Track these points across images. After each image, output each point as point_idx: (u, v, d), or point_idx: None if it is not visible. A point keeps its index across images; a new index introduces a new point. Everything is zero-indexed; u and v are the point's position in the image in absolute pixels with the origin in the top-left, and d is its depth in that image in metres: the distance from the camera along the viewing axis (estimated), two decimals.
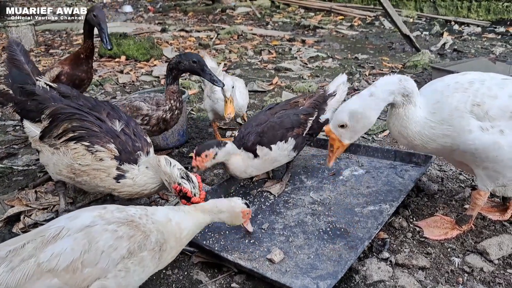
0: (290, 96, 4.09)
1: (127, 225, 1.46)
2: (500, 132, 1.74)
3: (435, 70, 4.39)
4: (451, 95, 1.79)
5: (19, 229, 2.26)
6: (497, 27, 7.62)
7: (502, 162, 1.77)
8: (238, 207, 1.82)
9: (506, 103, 1.74)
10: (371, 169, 2.59)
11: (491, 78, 1.84)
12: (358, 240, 1.92)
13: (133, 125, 2.18)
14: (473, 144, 1.77)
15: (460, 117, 1.76)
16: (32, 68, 2.36)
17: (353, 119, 1.85)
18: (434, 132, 1.83)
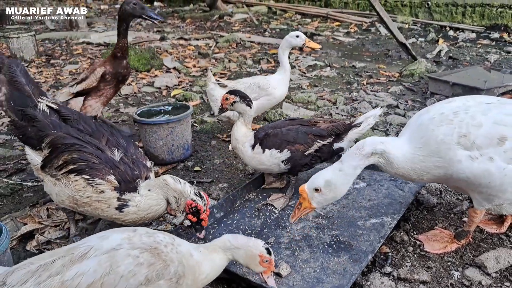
0: (290, 107, 4.18)
1: (150, 252, 1.53)
2: (489, 159, 1.81)
3: (431, 80, 4.50)
4: (436, 128, 1.88)
5: (33, 246, 2.34)
6: (491, 33, 7.74)
7: (495, 187, 1.85)
8: (257, 248, 1.67)
9: (491, 130, 1.81)
10: (372, 182, 2.68)
11: (477, 104, 1.91)
12: (361, 253, 2.01)
13: (132, 151, 2.20)
14: (464, 173, 1.85)
15: (447, 149, 1.85)
16: (33, 89, 2.33)
17: (327, 187, 1.97)
18: (425, 164, 1.92)
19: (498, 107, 1.88)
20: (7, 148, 3.66)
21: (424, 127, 1.93)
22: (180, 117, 3.15)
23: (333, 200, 2.04)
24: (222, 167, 3.19)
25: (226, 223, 2.44)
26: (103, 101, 3.35)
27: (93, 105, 3.30)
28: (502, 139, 1.80)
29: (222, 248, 1.69)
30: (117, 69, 3.31)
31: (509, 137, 1.80)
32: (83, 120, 2.25)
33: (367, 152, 1.95)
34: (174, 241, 1.64)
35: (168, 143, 3.17)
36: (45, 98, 2.30)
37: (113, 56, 3.32)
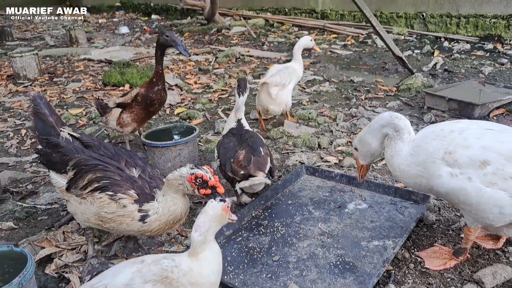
0: (293, 125, 4.30)
1: (162, 283, 1.64)
2: (468, 179, 1.96)
3: (428, 95, 4.65)
4: (430, 141, 2.07)
5: (52, 270, 2.44)
6: (485, 44, 7.92)
7: (472, 206, 1.99)
8: (218, 208, 1.76)
9: (477, 153, 1.95)
10: (374, 204, 2.80)
11: (477, 128, 2.05)
12: (366, 275, 2.13)
13: (149, 170, 2.37)
14: (443, 188, 2.02)
15: (432, 162, 2.02)
16: (56, 119, 2.52)
17: (359, 144, 2.33)
18: (410, 170, 2.11)
19: (494, 134, 2.01)
20: (18, 170, 3.77)
21: (423, 138, 2.13)
22: (187, 140, 3.27)
23: (369, 154, 2.33)
24: (228, 186, 3.29)
25: (236, 241, 2.56)
26: (134, 118, 3.69)
27: (124, 119, 3.69)
28: (484, 163, 1.93)
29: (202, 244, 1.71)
30: (148, 93, 3.62)
31: (492, 163, 1.93)
32: (103, 146, 2.43)
33: (399, 125, 2.15)
34: (175, 262, 1.72)
35: (176, 164, 3.28)
36: (67, 128, 2.49)
37: (150, 80, 3.66)
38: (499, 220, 2.00)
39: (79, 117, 5.06)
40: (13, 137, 4.54)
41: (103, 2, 18.96)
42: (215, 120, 4.73)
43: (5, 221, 2.98)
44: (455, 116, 4.34)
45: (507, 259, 2.33)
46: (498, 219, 1.99)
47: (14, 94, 6.16)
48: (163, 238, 2.70)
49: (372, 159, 2.39)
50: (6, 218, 3.02)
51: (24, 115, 5.22)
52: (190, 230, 2.72)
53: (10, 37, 11.44)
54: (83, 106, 5.48)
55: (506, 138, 1.98)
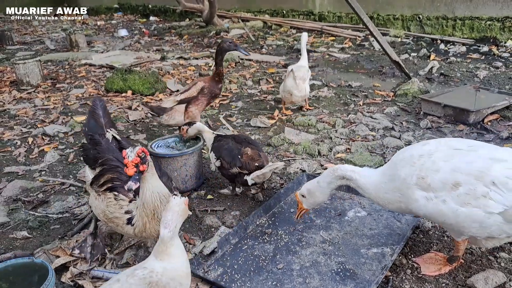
0: (293, 132, 4.43)
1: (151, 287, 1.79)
2: (443, 201, 2.07)
3: (424, 101, 4.78)
4: (401, 168, 2.19)
5: (68, 278, 2.57)
6: (480, 46, 8.06)
7: (452, 225, 2.12)
8: (182, 203, 1.91)
9: (447, 176, 2.05)
10: (372, 211, 2.94)
11: (445, 149, 2.15)
12: (365, 282, 2.27)
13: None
14: (421, 211, 2.15)
15: (407, 188, 2.14)
16: (106, 121, 2.82)
17: (308, 194, 2.58)
18: (389, 196, 2.25)
19: (462, 155, 2.10)
20: (28, 179, 3.89)
21: (394, 165, 2.26)
22: (193, 150, 3.40)
23: (315, 204, 2.62)
24: (233, 195, 3.43)
25: (242, 249, 2.68)
26: (200, 109, 4.21)
27: (193, 111, 4.17)
28: (456, 185, 2.03)
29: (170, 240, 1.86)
30: (212, 87, 4.22)
31: (463, 184, 2.02)
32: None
33: (338, 175, 2.43)
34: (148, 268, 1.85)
35: (182, 173, 3.41)
36: (113, 130, 2.76)
37: (212, 78, 4.25)
38: (483, 233, 2.12)
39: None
40: (21, 145, 4.65)
41: (101, 4, 19.03)
42: (217, 127, 4.85)
43: (19, 230, 3.10)
44: (451, 122, 4.48)
45: (499, 264, 2.47)
46: (481, 232, 2.11)
47: (19, 101, 6.26)
48: None
49: (315, 207, 2.72)
50: (20, 228, 3.14)
51: (30, 122, 5.33)
52: (197, 238, 2.88)
53: (11, 41, 11.53)
54: (87, 113, 5.59)
55: (473, 158, 2.06)
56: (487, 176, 2.00)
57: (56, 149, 4.52)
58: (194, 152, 3.42)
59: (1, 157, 4.37)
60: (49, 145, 4.63)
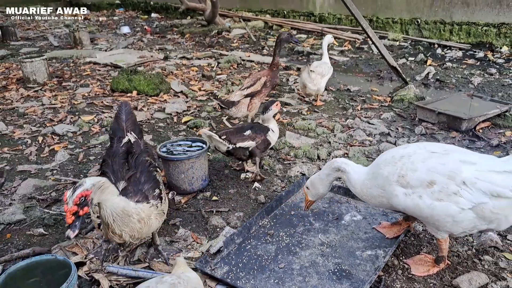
0: (294, 136, 4.64)
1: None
2: (419, 197, 2.35)
3: (419, 108, 4.98)
4: (384, 167, 2.47)
5: (84, 272, 2.77)
6: (476, 51, 8.26)
7: (428, 218, 2.39)
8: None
9: (423, 175, 2.34)
10: (368, 215, 3.15)
11: (423, 152, 2.44)
12: (360, 282, 2.48)
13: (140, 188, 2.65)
14: (401, 206, 2.43)
15: (389, 184, 2.42)
16: (128, 125, 3.05)
17: (311, 186, 2.87)
18: (372, 192, 2.53)
19: (438, 157, 2.39)
20: (40, 178, 4.08)
21: (378, 165, 2.54)
22: (199, 153, 3.60)
23: (318, 195, 2.89)
24: (236, 196, 3.64)
25: (246, 248, 2.88)
26: (261, 100, 4.80)
27: (256, 103, 4.75)
28: (431, 183, 2.32)
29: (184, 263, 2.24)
30: (273, 79, 4.81)
31: (437, 182, 2.31)
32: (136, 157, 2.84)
33: (335, 167, 2.71)
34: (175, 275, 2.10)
35: (188, 176, 3.61)
36: (131, 134, 2.98)
37: (271, 70, 4.84)
38: (457, 229, 2.39)
39: (92, 124, 5.35)
40: (31, 144, 4.84)
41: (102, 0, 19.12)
42: (220, 130, 5.04)
43: (35, 227, 3.30)
44: (444, 129, 4.69)
45: (483, 266, 2.68)
46: (456, 228, 2.38)
47: (26, 99, 6.43)
48: (181, 245, 3.03)
49: (319, 198, 2.97)
50: (36, 225, 3.34)
51: (39, 121, 5.51)
52: (204, 237, 3.08)
53: (14, 36, 11.66)
54: (94, 112, 5.78)
55: (447, 160, 2.35)
56: (458, 176, 2.29)
57: (66, 148, 4.71)
58: (200, 155, 3.62)
59: (13, 156, 4.56)
60: (59, 144, 4.82)
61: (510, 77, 6.58)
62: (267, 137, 3.76)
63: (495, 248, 2.83)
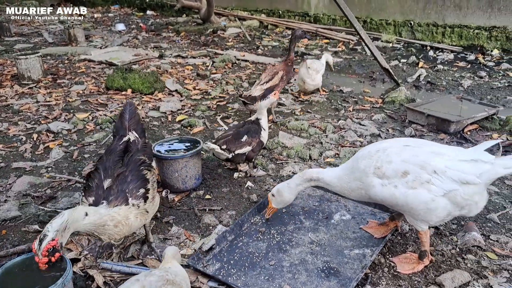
0: (287, 136, 4.71)
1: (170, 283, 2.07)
2: (394, 186, 2.50)
3: (409, 110, 5.08)
4: (361, 161, 2.62)
5: (79, 268, 2.83)
6: (468, 54, 8.39)
7: (403, 206, 2.53)
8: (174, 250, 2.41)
9: (398, 166, 2.49)
10: (356, 214, 3.24)
11: (397, 146, 2.61)
12: (347, 279, 2.57)
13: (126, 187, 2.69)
14: (377, 196, 2.56)
15: (366, 176, 2.58)
16: (131, 124, 3.14)
17: (277, 194, 2.96)
18: (351, 185, 2.67)
19: (411, 150, 2.55)
20: (35, 175, 4.12)
21: (355, 160, 2.70)
22: (192, 153, 3.66)
23: (282, 203, 3.01)
24: (229, 195, 3.71)
25: (237, 246, 2.96)
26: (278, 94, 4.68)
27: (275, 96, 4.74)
28: (405, 173, 2.48)
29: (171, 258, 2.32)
30: (289, 73, 5.20)
31: (411, 172, 2.47)
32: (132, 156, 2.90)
33: (306, 178, 2.84)
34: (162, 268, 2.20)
35: (182, 174, 3.68)
36: (132, 133, 3.07)
37: (286, 65, 5.19)
38: (431, 217, 2.53)
39: (86, 122, 5.40)
40: (26, 142, 4.88)
41: None
42: (215, 129, 5.11)
43: (31, 224, 3.35)
44: (433, 131, 4.79)
45: (465, 265, 2.78)
46: (430, 216, 2.52)
47: (21, 96, 6.46)
48: (174, 243, 3.10)
49: (283, 206, 3.08)
50: (31, 222, 3.39)
51: (34, 118, 5.54)
52: (197, 235, 3.15)
53: (8, 32, 11.63)
54: (88, 110, 5.82)
55: (419, 152, 2.52)
56: (429, 166, 2.46)
57: (61, 146, 4.76)
58: (194, 154, 3.69)
59: (8, 153, 4.60)
60: (53, 142, 4.86)
61: (499, 80, 6.70)
62: (261, 138, 3.85)
63: (478, 247, 2.93)
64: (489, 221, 3.25)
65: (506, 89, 6.28)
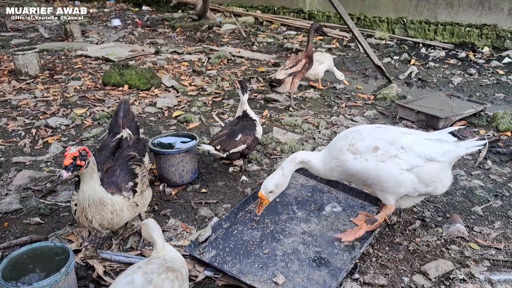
0: (281, 132, 4.84)
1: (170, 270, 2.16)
2: (365, 160, 2.75)
3: (400, 106, 5.22)
4: (338, 141, 2.90)
5: (80, 258, 2.95)
6: (459, 51, 8.54)
7: (375, 178, 2.76)
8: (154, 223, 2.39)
9: (369, 143, 2.77)
10: (347, 207, 3.38)
11: (369, 127, 2.94)
12: (337, 270, 2.71)
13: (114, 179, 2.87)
14: (352, 169, 2.80)
15: (341, 153, 2.82)
16: (125, 122, 3.30)
17: (276, 187, 2.92)
18: (330, 165, 2.88)
19: (380, 129, 2.87)
20: (35, 170, 4.22)
21: (333, 143, 2.95)
22: (189, 148, 3.78)
23: (279, 193, 3.02)
24: (224, 189, 3.84)
25: (233, 233, 3.09)
26: (300, 80, 5.68)
27: (297, 82, 5.59)
28: (376, 149, 2.74)
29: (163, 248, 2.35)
30: (309, 63, 5.66)
31: (380, 148, 2.74)
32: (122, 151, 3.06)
33: (298, 161, 2.94)
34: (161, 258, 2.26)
35: (179, 169, 3.80)
36: (126, 131, 3.22)
37: (307, 54, 5.64)
38: (400, 190, 2.79)
39: (84, 118, 5.49)
40: (25, 136, 4.97)
41: None
42: (210, 124, 5.23)
43: (32, 216, 3.46)
44: (423, 127, 4.94)
45: (449, 255, 2.92)
46: (398, 189, 2.78)
47: (19, 92, 6.53)
48: (171, 234, 3.22)
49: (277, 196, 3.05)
50: (32, 214, 3.50)
51: (32, 114, 5.63)
52: (193, 227, 3.28)
53: (4, 27, 11.63)
54: (86, 106, 5.91)
55: (389, 131, 2.83)
56: (398, 142, 2.74)
57: (59, 141, 4.85)
58: (190, 149, 3.80)
59: (7, 147, 4.69)
60: (52, 137, 4.96)
61: (488, 77, 6.86)
62: (256, 135, 3.95)
63: (462, 238, 3.08)
64: (473, 214, 3.40)
65: (495, 86, 6.43)
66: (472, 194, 3.67)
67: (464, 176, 3.97)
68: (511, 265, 2.81)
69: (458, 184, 3.84)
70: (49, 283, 2.28)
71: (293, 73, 5.49)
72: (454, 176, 3.97)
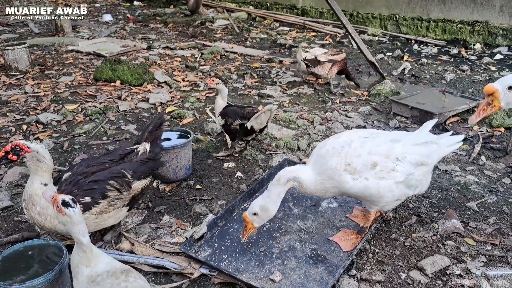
0: (275, 127, 4.82)
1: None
2: (365, 179, 2.62)
3: (394, 102, 5.22)
4: (330, 159, 2.64)
5: None
6: (451, 48, 8.57)
7: (375, 196, 2.67)
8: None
9: (366, 159, 2.61)
10: (343, 203, 3.36)
11: (357, 138, 2.71)
12: (334, 266, 2.70)
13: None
14: (352, 190, 2.66)
15: (338, 174, 2.62)
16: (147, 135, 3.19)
17: (262, 211, 2.65)
18: (325, 186, 2.69)
19: (371, 140, 2.68)
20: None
21: (322, 158, 2.68)
22: (183, 144, 3.74)
23: (267, 219, 2.71)
24: (219, 185, 3.80)
25: (228, 231, 3.07)
26: (336, 70, 6.07)
27: (334, 70, 6.00)
28: (374, 165, 2.61)
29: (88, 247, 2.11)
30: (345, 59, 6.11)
31: (378, 163, 2.62)
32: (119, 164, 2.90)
33: (284, 181, 2.64)
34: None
35: (173, 165, 3.76)
36: (146, 145, 3.12)
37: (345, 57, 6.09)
38: (393, 200, 2.74)
39: (76, 114, 5.42)
40: (16, 133, 4.88)
41: None
42: (204, 120, 5.19)
43: (23, 214, 3.40)
44: (417, 123, 4.95)
45: (445, 250, 2.93)
46: (391, 199, 2.72)
47: (9, 87, 6.42)
48: (165, 231, 3.18)
49: (264, 222, 2.76)
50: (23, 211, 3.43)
51: (23, 110, 5.54)
52: (188, 224, 3.24)
53: None
54: (77, 102, 5.83)
55: (379, 142, 2.68)
56: (392, 154, 2.64)
57: (51, 137, 4.78)
58: (185, 145, 3.76)
59: None
60: (43, 133, 4.88)
61: (480, 74, 6.90)
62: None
63: (457, 234, 3.08)
64: (469, 209, 3.40)
65: (487, 82, 6.42)
66: (467, 190, 3.68)
67: (459, 172, 3.98)
68: (507, 260, 2.82)
69: (452, 179, 3.85)
70: (43, 282, 2.23)
71: (333, 61, 5.87)
72: (449, 172, 3.98)
